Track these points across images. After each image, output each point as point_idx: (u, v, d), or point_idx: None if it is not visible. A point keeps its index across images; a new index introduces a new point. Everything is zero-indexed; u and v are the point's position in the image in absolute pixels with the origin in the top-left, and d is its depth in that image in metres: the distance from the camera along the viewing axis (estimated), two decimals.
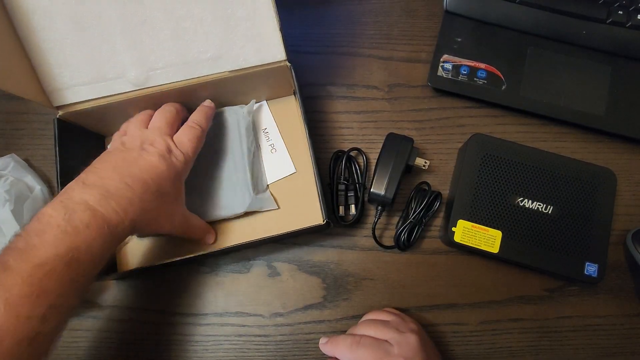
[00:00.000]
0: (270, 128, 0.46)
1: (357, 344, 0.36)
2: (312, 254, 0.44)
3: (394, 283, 0.44)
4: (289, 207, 0.44)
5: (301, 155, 0.45)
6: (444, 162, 0.46)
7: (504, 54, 0.46)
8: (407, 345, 0.35)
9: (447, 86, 0.46)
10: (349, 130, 0.48)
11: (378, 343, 0.36)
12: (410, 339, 0.36)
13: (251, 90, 0.44)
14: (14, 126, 0.48)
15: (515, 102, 0.45)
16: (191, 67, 0.39)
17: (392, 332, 0.36)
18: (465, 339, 0.43)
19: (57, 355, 0.42)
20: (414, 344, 0.35)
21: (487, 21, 0.47)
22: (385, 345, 0.36)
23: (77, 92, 0.39)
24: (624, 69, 0.45)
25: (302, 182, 0.45)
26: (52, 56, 0.37)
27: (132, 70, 0.38)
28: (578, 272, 0.39)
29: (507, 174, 0.42)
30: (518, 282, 0.43)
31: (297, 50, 0.49)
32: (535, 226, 0.40)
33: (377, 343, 0.36)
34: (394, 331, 0.37)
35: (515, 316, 0.43)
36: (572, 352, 0.42)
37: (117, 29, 0.37)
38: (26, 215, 0.42)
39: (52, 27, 0.37)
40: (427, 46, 0.49)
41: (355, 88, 0.49)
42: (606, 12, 0.45)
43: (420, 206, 0.43)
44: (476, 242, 0.40)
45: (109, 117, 0.42)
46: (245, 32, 0.38)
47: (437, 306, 0.43)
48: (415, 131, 0.47)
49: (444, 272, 0.44)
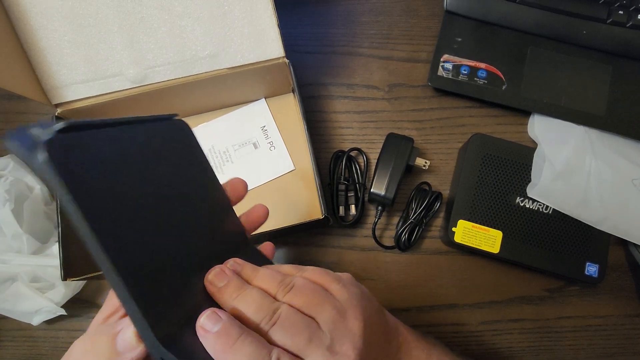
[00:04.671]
0: (269, 125, 0.46)
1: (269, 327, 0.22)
2: (313, 254, 0.44)
3: (394, 283, 0.44)
4: (287, 204, 0.44)
5: (300, 153, 0.45)
6: (444, 162, 0.46)
7: (505, 54, 0.46)
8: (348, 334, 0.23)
9: (447, 86, 0.46)
10: (349, 130, 0.47)
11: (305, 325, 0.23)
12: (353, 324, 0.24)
13: (249, 88, 0.44)
14: (14, 126, 0.48)
15: (515, 102, 0.45)
16: (189, 65, 0.39)
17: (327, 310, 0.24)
18: (466, 339, 0.42)
19: (57, 356, 0.42)
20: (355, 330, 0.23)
21: (487, 21, 0.47)
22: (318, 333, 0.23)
23: (75, 89, 0.39)
24: (625, 69, 0.45)
25: (300, 179, 0.45)
26: (50, 54, 0.37)
27: (130, 67, 0.38)
28: (578, 272, 0.39)
29: (507, 174, 0.42)
30: (518, 282, 0.43)
31: (297, 49, 0.49)
32: (536, 226, 0.40)
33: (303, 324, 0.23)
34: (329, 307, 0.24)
35: (515, 316, 0.43)
36: (572, 353, 0.42)
37: (115, 27, 0.37)
38: (26, 215, 0.41)
39: (50, 26, 0.37)
40: (427, 46, 0.49)
41: (355, 88, 0.48)
42: (607, 12, 0.45)
43: (420, 206, 0.43)
44: (476, 242, 0.40)
45: (108, 115, 0.42)
46: (243, 29, 0.38)
47: (438, 306, 0.43)
48: (415, 131, 0.47)
49: (444, 273, 0.44)
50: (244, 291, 0.23)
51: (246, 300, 0.23)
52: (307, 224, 0.39)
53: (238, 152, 0.46)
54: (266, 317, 0.22)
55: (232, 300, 0.23)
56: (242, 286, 0.24)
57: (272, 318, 0.22)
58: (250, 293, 0.23)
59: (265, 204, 0.44)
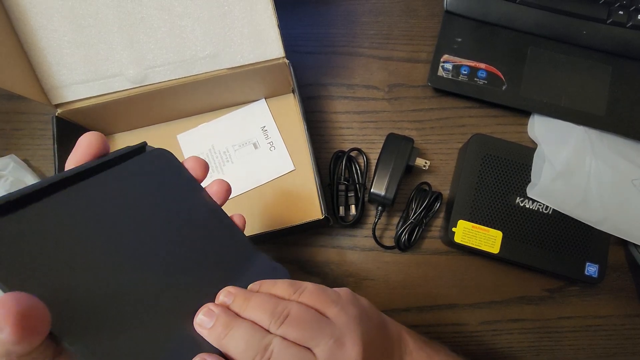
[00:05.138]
0: (269, 126, 0.46)
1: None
2: (313, 254, 0.44)
3: (394, 283, 0.44)
4: (287, 205, 0.44)
5: (300, 153, 0.45)
6: (444, 162, 0.46)
7: (505, 54, 0.46)
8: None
9: (447, 86, 0.46)
10: (349, 131, 0.47)
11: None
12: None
13: (249, 88, 0.44)
14: (13, 126, 0.48)
15: (515, 102, 0.45)
16: (189, 65, 0.39)
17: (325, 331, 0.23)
18: (466, 339, 0.42)
19: None
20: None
21: (487, 21, 0.47)
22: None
23: (75, 90, 0.39)
24: (625, 69, 0.45)
25: (301, 179, 0.45)
26: (50, 54, 0.37)
27: (130, 68, 0.38)
28: (578, 272, 0.39)
29: (507, 174, 0.42)
30: (518, 282, 0.43)
31: (297, 50, 0.49)
32: (536, 226, 0.40)
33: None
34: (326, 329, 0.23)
35: (515, 316, 0.43)
36: (572, 353, 0.42)
37: (115, 27, 0.37)
38: None
39: (50, 26, 0.37)
40: (427, 46, 0.49)
41: (355, 88, 0.48)
42: (607, 12, 0.45)
43: (420, 206, 0.43)
44: (476, 242, 0.40)
45: (108, 115, 0.42)
46: (243, 30, 0.38)
47: (438, 306, 0.43)
48: (415, 131, 0.47)
49: (444, 273, 0.44)
50: (231, 329, 0.22)
51: (235, 339, 0.22)
52: (307, 224, 0.39)
53: (238, 152, 0.46)
54: (257, 356, 0.21)
55: (220, 340, 0.22)
56: (229, 323, 0.22)
57: (263, 356, 0.21)
58: (239, 330, 0.22)
59: (265, 204, 0.45)
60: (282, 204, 0.44)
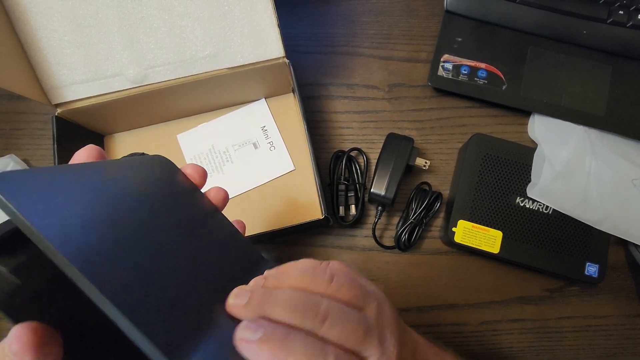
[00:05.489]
0: (269, 125, 0.46)
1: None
2: (313, 254, 0.44)
3: (394, 283, 0.44)
4: (287, 205, 0.44)
5: (300, 153, 0.45)
6: (445, 162, 0.46)
7: (505, 54, 0.46)
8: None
9: (447, 86, 0.46)
10: (349, 130, 0.47)
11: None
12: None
13: (249, 88, 0.44)
14: (13, 126, 0.48)
15: (515, 102, 0.45)
16: (189, 65, 0.39)
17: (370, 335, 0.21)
18: (466, 339, 0.42)
19: None
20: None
21: (487, 21, 0.47)
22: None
23: (75, 89, 0.39)
24: (625, 69, 0.45)
25: (301, 179, 0.45)
26: (50, 54, 0.37)
27: (130, 68, 0.38)
28: (578, 272, 0.39)
29: (507, 174, 0.42)
30: (518, 282, 0.43)
31: (297, 49, 0.49)
32: (536, 226, 0.40)
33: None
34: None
35: (515, 316, 0.43)
36: (572, 353, 0.42)
37: (115, 27, 0.37)
38: None
39: (50, 26, 0.37)
40: (427, 46, 0.49)
41: (355, 88, 0.48)
42: (607, 11, 0.45)
43: (420, 206, 0.43)
44: (477, 242, 0.40)
45: (108, 115, 0.42)
46: (243, 29, 0.38)
47: (438, 306, 0.43)
48: (415, 131, 0.47)
49: (444, 273, 0.44)
50: (272, 295, 0.20)
51: (280, 299, 0.19)
52: (307, 224, 0.39)
53: (238, 152, 0.46)
54: (310, 312, 0.19)
55: (260, 306, 0.20)
56: (268, 291, 0.20)
57: (318, 314, 0.19)
58: (283, 291, 0.20)
59: (265, 204, 0.45)
60: (282, 204, 0.44)
